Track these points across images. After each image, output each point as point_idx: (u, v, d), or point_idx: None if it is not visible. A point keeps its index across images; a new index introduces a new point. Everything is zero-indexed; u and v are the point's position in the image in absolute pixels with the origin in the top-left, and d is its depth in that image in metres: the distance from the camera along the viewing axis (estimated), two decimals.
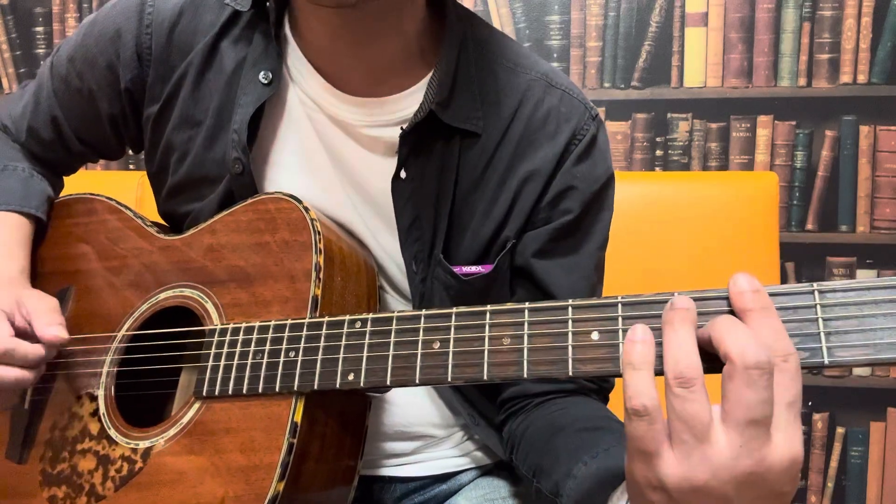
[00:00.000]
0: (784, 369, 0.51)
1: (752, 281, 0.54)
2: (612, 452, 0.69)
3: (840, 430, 1.66)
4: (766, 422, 0.50)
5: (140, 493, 0.75)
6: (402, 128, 0.80)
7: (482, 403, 0.90)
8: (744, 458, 0.50)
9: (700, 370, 0.51)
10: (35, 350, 0.78)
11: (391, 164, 0.82)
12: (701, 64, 1.63)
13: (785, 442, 0.50)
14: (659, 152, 1.67)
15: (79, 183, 1.05)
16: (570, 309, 0.61)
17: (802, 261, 1.64)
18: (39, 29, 1.87)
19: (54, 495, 0.80)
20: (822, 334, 0.54)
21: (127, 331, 0.85)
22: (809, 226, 1.64)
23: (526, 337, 0.63)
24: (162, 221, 0.94)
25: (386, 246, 0.86)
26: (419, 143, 0.81)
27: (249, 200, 0.82)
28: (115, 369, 0.84)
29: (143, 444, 0.77)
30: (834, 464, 1.67)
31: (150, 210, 0.95)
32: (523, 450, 0.83)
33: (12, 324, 0.80)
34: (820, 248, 1.64)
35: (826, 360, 0.54)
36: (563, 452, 0.75)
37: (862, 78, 1.58)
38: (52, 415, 0.85)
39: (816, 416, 1.67)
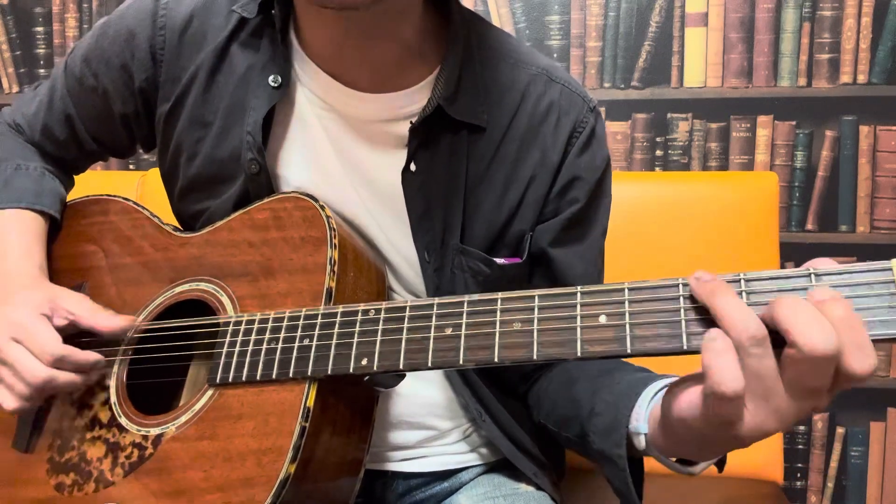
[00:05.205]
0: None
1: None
2: (624, 384, 0.73)
3: (840, 431, 1.66)
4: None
5: (150, 479, 0.76)
6: (411, 122, 0.82)
7: (490, 399, 0.91)
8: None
9: (764, 327, 0.54)
10: (87, 357, 0.81)
11: (399, 158, 0.84)
12: (701, 64, 1.63)
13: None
14: (659, 152, 1.67)
15: (79, 182, 1.05)
16: (578, 294, 0.64)
17: (802, 261, 1.59)
18: (39, 29, 1.87)
19: (61, 483, 0.81)
20: None
21: (141, 322, 0.85)
22: (809, 226, 1.64)
23: (536, 320, 0.65)
24: (176, 223, 0.95)
25: (394, 240, 0.88)
26: (428, 137, 0.84)
27: (266, 199, 0.84)
28: (128, 358, 0.84)
29: (154, 431, 0.78)
30: (834, 464, 1.67)
31: (154, 209, 0.95)
32: (547, 408, 0.88)
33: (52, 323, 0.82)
34: (820, 248, 1.64)
35: None
36: (582, 398, 0.78)
37: (862, 78, 1.59)
38: (61, 405, 0.85)
39: (816, 417, 1.67)
